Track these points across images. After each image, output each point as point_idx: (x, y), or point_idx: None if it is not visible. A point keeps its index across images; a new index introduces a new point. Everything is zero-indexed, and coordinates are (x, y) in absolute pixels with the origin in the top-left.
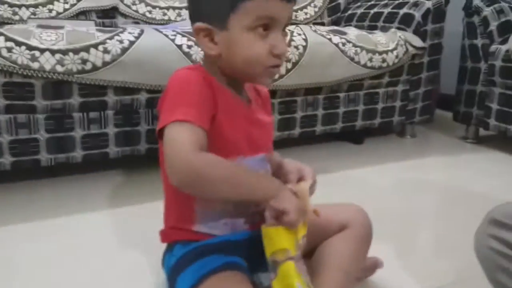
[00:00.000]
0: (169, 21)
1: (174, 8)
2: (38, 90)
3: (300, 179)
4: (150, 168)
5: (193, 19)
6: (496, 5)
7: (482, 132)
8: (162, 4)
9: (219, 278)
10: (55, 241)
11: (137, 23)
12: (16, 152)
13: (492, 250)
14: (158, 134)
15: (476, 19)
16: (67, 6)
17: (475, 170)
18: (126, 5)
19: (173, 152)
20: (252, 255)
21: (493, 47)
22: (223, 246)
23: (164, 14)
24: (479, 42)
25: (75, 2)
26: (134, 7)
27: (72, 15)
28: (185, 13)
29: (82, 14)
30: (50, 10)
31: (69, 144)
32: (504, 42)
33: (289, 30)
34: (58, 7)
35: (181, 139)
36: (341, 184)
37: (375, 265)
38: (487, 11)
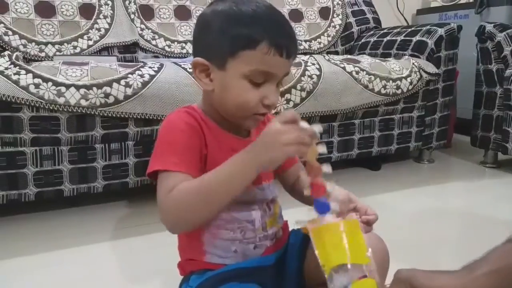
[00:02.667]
0: (187, 54)
1: (191, 42)
2: (63, 123)
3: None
4: None
5: (194, 53)
6: (509, 31)
7: (501, 156)
8: (180, 38)
9: None
10: (77, 269)
11: (157, 57)
12: (40, 183)
13: None
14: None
15: (489, 45)
16: (90, 42)
17: (495, 195)
18: (146, 40)
19: (158, 205)
20: (267, 281)
21: (508, 72)
22: (238, 274)
23: (182, 48)
24: (493, 67)
25: (98, 38)
26: (153, 42)
27: (95, 51)
28: None
29: (105, 50)
30: (75, 47)
31: (91, 174)
32: None
33: (303, 60)
34: (82, 43)
35: (158, 192)
36: None
37: None
38: (500, 36)
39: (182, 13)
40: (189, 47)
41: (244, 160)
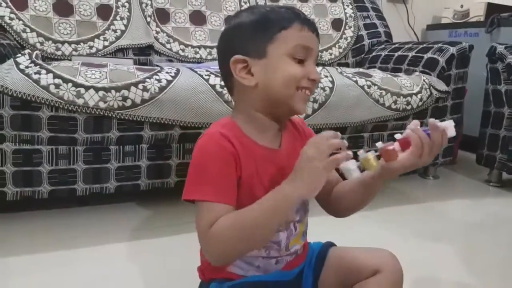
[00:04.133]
0: (200, 59)
1: (205, 47)
2: (81, 124)
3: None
4: (178, 201)
5: (227, 55)
6: None
7: (505, 176)
8: (194, 43)
9: None
10: (87, 269)
11: (171, 60)
12: (54, 182)
13: None
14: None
15: (500, 66)
16: (106, 43)
17: (498, 215)
18: (161, 43)
19: (199, 237)
20: None
21: None
22: (257, 286)
23: (196, 53)
24: (502, 87)
25: (114, 39)
26: (168, 46)
27: (110, 52)
28: (215, 52)
29: (120, 51)
30: (91, 47)
31: (104, 175)
32: None
33: None
34: (98, 44)
35: (198, 225)
36: (362, 224)
37: None
38: (511, 58)
39: (197, 18)
40: (202, 52)
41: (286, 194)
